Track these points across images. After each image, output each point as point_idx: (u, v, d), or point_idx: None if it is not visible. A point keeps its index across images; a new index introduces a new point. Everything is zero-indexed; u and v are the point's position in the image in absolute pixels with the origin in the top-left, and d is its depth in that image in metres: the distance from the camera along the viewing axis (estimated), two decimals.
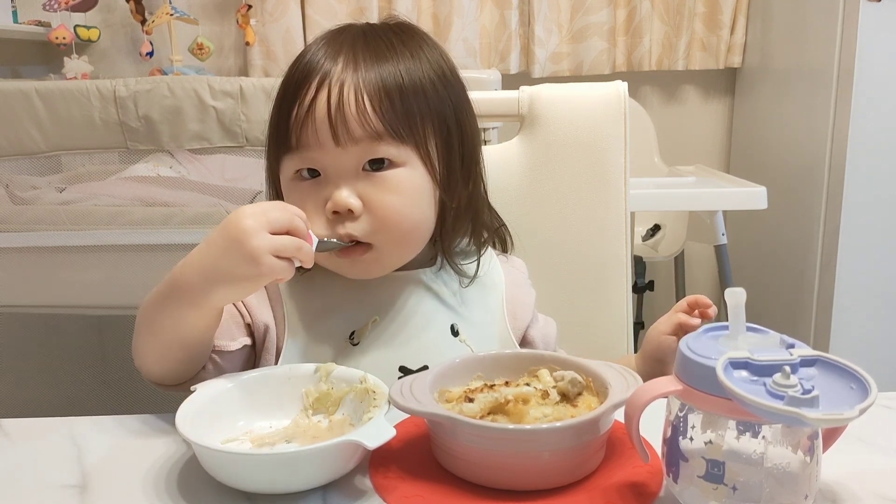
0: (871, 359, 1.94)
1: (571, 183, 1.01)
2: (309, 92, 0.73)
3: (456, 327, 0.81)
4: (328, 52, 0.75)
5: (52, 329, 1.56)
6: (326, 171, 0.74)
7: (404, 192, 0.75)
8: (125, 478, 0.60)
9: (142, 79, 1.30)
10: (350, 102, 0.72)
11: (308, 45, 0.78)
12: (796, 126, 2.15)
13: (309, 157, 0.74)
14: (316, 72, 0.74)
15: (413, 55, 0.77)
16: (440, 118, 0.77)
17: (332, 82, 0.73)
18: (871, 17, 1.84)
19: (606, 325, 1.02)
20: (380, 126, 0.73)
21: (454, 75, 0.81)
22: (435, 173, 0.77)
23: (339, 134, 0.72)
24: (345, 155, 0.73)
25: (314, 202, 0.74)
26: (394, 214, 0.74)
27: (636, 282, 2.17)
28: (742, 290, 0.53)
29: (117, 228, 1.32)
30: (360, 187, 0.73)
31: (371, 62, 0.74)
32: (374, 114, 0.72)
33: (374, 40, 0.77)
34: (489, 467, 0.57)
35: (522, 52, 2.47)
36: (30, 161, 1.38)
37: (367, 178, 0.74)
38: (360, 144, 0.72)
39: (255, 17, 2.34)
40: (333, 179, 0.74)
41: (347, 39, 0.77)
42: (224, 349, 0.76)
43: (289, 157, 0.75)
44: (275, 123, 0.77)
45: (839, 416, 0.46)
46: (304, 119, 0.73)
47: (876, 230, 1.95)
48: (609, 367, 0.64)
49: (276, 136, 0.77)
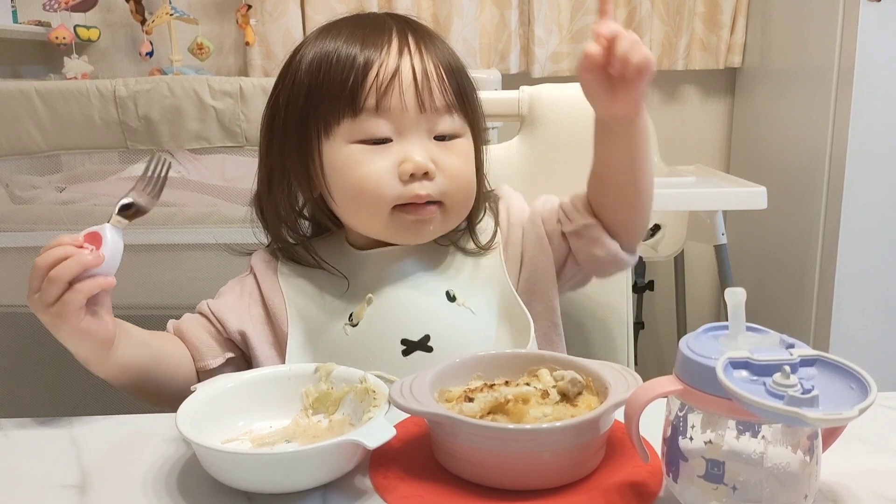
0: (871, 359, 1.93)
1: (572, 183, 1.01)
2: (390, 56, 0.76)
3: (452, 293, 0.81)
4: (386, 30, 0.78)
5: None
6: (404, 134, 0.77)
7: (467, 159, 0.80)
8: (125, 478, 0.60)
9: (142, 79, 1.30)
10: (431, 72, 0.77)
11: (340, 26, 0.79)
12: (796, 126, 2.15)
13: (390, 121, 0.76)
14: (389, 37, 0.77)
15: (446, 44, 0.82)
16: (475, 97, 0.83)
17: (411, 49, 0.77)
18: (871, 17, 1.84)
19: (606, 325, 1.02)
20: (452, 97, 0.78)
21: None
22: (478, 147, 0.83)
23: (424, 100, 0.76)
24: (423, 121, 0.77)
25: (385, 164, 0.76)
26: (461, 176, 0.79)
27: (636, 282, 2.17)
28: (742, 290, 0.52)
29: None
30: (432, 152, 0.77)
31: (429, 44, 0.79)
32: (449, 86, 0.78)
33: (414, 23, 0.81)
34: (489, 467, 0.57)
35: (522, 52, 2.47)
36: (30, 161, 1.37)
37: (436, 145, 0.78)
38: (437, 112, 0.77)
39: (254, 17, 2.34)
40: (407, 144, 0.76)
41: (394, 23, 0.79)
42: (205, 368, 0.79)
43: (356, 121, 0.76)
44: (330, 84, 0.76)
45: (839, 416, 0.46)
46: (389, 83, 0.75)
47: (876, 230, 1.95)
48: (609, 367, 0.64)
49: (336, 98, 0.76)
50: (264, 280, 0.84)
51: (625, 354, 1.03)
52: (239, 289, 0.85)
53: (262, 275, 0.84)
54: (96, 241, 0.66)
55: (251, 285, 0.84)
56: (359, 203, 0.78)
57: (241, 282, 0.86)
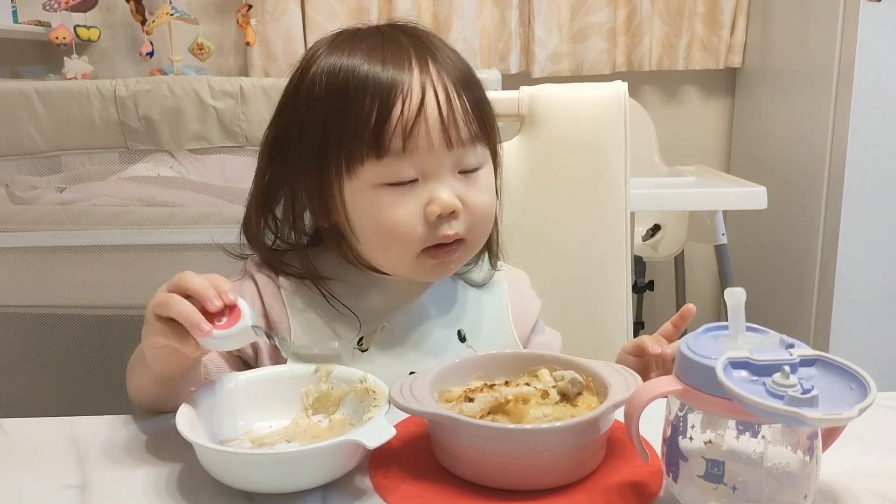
0: (871, 359, 1.93)
1: (571, 183, 1.01)
2: (412, 92, 0.71)
3: (463, 333, 0.81)
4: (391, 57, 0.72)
5: (52, 329, 1.56)
6: (430, 173, 0.72)
7: (489, 190, 0.77)
8: (125, 478, 0.60)
9: (142, 79, 1.30)
10: (456, 103, 0.72)
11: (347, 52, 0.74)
12: (796, 126, 2.15)
13: (417, 161, 0.71)
14: (409, 70, 0.72)
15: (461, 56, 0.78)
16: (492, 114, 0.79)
17: (432, 84, 0.72)
18: (871, 17, 1.84)
19: (606, 325, 1.02)
20: (476, 127, 0.74)
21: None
22: (498, 172, 0.80)
23: (451, 136, 0.72)
24: (449, 157, 0.73)
25: (412, 207, 0.72)
26: (485, 211, 0.76)
27: (636, 282, 2.17)
28: (742, 290, 0.53)
29: (117, 228, 1.32)
30: (457, 188, 0.73)
31: (440, 64, 0.73)
32: (473, 117, 0.73)
33: (426, 39, 0.76)
34: (489, 467, 0.57)
35: (522, 52, 2.47)
36: (30, 161, 1.37)
37: (460, 180, 0.74)
38: (464, 147, 0.73)
39: (255, 17, 2.34)
40: (433, 183, 0.72)
41: (403, 39, 0.75)
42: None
43: (381, 164, 0.71)
44: (351, 125, 0.71)
45: (839, 416, 0.46)
46: (415, 122, 0.70)
47: (876, 230, 1.95)
48: (609, 367, 0.64)
49: (357, 140, 0.71)
50: (265, 290, 0.80)
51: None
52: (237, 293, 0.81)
53: (263, 284, 0.80)
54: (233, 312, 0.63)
55: (251, 293, 0.80)
56: (386, 247, 0.75)
57: (241, 287, 0.81)
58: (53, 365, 1.57)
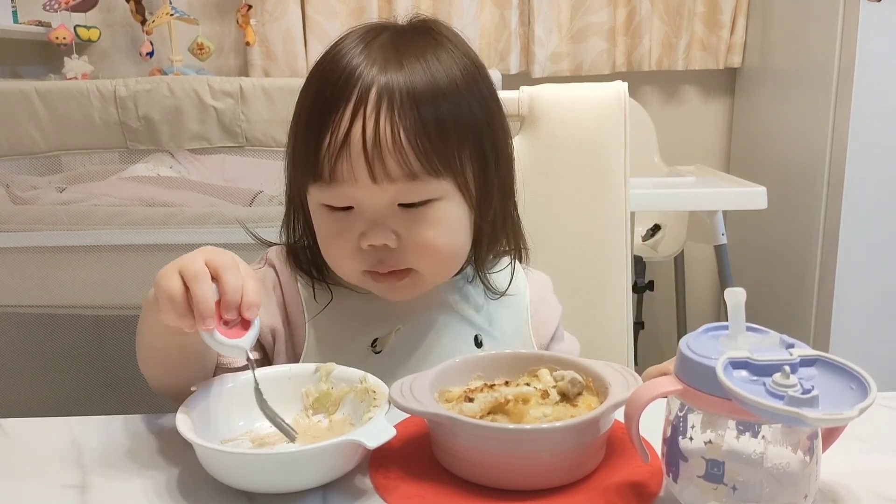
0: (871, 359, 1.93)
1: (571, 183, 1.01)
2: (342, 121, 0.68)
3: (480, 338, 0.80)
4: (358, 71, 0.70)
5: (52, 329, 1.56)
6: (360, 206, 0.71)
7: (441, 225, 0.72)
8: (125, 478, 0.60)
9: (142, 79, 1.30)
10: (387, 138, 0.68)
11: (333, 54, 0.73)
12: (796, 126, 2.15)
13: (342, 192, 0.70)
14: (348, 96, 0.69)
15: (448, 72, 0.72)
16: (476, 141, 0.73)
17: (366, 112, 0.68)
18: (871, 17, 1.84)
19: (606, 325, 1.02)
20: (417, 165, 0.69)
21: (485, 81, 0.77)
22: (471, 199, 0.74)
23: (375, 172, 0.68)
24: (380, 192, 0.69)
25: (346, 235, 0.72)
26: (431, 247, 0.72)
27: (636, 282, 2.17)
28: (742, 290, 0.52)
29: (117, 228, 1.32)
30: (396, 223, 0.71)
31: (406, 89, 0.69)
32: (412, 151, 0.68)
33: (407, 56, 0.71)
34: (489, 467, 0.57)
35: (522, 52, 2.47)
36: (30, 161, 1.37)
37: (404, 213, 0.71)
38: (396, 183, 0.69)
39: (255, 17, 2.34)
40: (368, 214, 0.71)
41: (379, 55, 0.71)
42: (232, 364, 0.75)
43: (318, 187, 0.71)
44: (301, 144, 0.72)
45: (839, 416, 0.46)
46: (339, 152, 0.68)
47: (876, 230, 1.95)
48: (609, 367, 0.64)
49: (305, 160, 0.72)
50: (286, 283, 0.80)
51: (625, 354, 1.03)
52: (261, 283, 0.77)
53: (284, 277, 0.80)
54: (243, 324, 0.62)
55: (272, 281, 0.80)
56: (334, 266, 0.76)
57: (263, 275, 0.81)
58: (53, 365, 1.57)
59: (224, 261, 0.62)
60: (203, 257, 0.62)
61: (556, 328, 0.87)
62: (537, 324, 0.84)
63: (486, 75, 0.77)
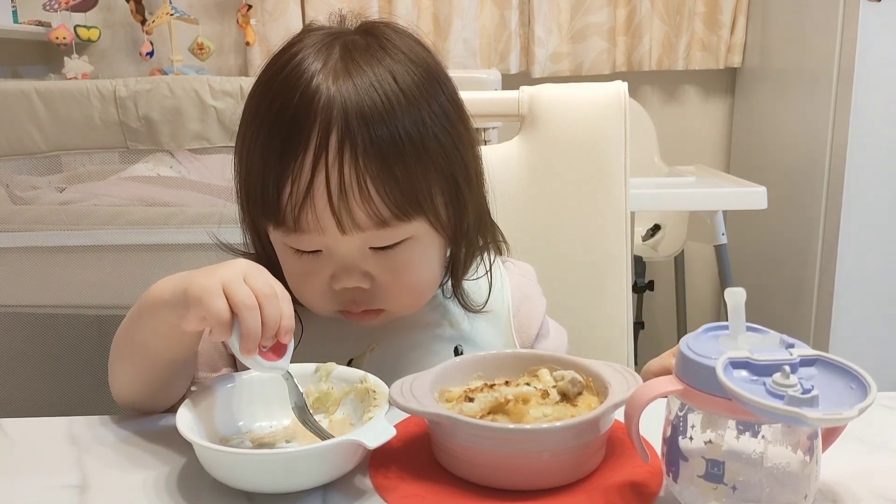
0: (871, 359, 1.93)
1: (571, 183, 1.01)
2: (303, 170, 0.64)
3: (460, 349, 0.79)
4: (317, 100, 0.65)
5: (52, 329, 1.56)
6: (330, 251, 0.69)
7: (414, 263, 0.71)
8: (125, 478, 0.60)
9: (142, 79, 1.30)
10: (353, 188, 0.64)
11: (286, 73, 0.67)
12: (796, 126, 2.15)
13: (309, 239, 0.68)
14: (307, 139, 0.64)
15: (406, 91, 0.67)
16: (446, 171, 0.70)
17: (329, 161, 0.64)
18: (871, 17, 1.84)
19: (606, 325, 1.02)
20: (387, 212, 0.66)
21: (444, 88, 0.71)
22: (445, 231, 0.72)
23: (343, 222, 0.65)
24: (349, 240, 0.67)
25: (316, 277, 0.70)
26: (404, 286, 0.71)
27: (636, 282, 2.17)
28: (742, 290, 0.52)
29: (117, 228, 1.32)
30: (367, 265, 0.69)
31: (368, 127, 0.64)
32: (380, 200, 0.65)
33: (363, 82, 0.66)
34: (489, 467, 0.57)
35: (522, 52, 2.47)
36: (30, 161, 1.38)
37: (375, 255, 0.69)
38: (366, 231, 0.67)
39: (255, 17, 2.35)
40: (338, 259, 0.69)
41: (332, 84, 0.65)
42: (205, 381, 0.74)
43: (281, 231, 0.68)
44: (257, 184, 0.68)
45: (839, 416, 0.46)
46: (302, 203, 0.65)
47: (876, 230, 1.95)
48: (609, 367, 0.64)
49: (262, 203, 0.68)
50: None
51: (625, 354, 1.03)
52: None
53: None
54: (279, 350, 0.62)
55: None
56: (302, 300, 0.73)
57: None
58: (53, 365, 1.57)
59: (264, 289, 0.60)
60: (245, 278, 0.60)
61: (540, 324, 0.85)
62: (520, 324, 0.83)
63: (442, 77, 0.72)
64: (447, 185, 0.70)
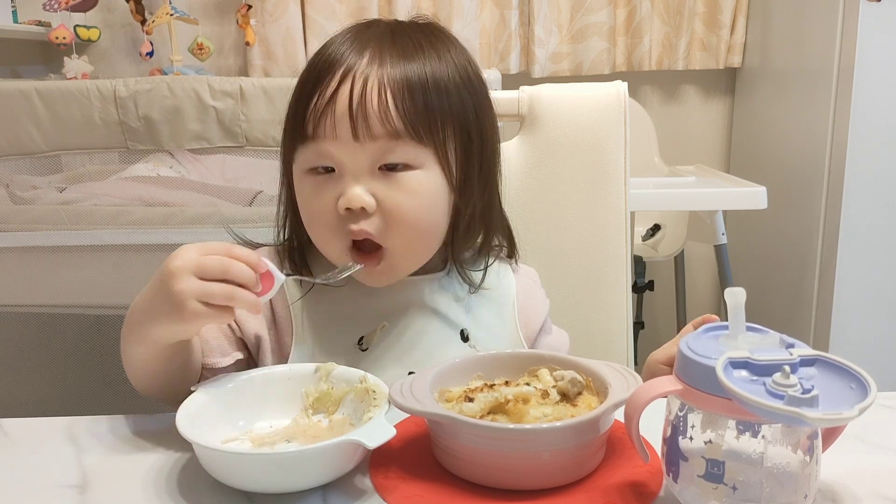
0: (871, 359, 1.93)
1: (571, 183, 1.01)
2: (332, 82, 0.72)
3: (466, 332, 0.80)
4: (354, 45, 0.74)
5: (52, 329, 1.56)
6: (341, 166, 0.72)
7: (419, 194, 0.73)
8: (125, 478, 0.60)
9: (142, 79, 1.30)
10: (372, 98, 0.71)
11: (333, 37, 0.77)
12: (796, 126, 2.15)
13: (325, 149, 0.72)
14: (340, 63, 0.72)
15: (440, 57, 0.75)
16: (461, 122, 0.75)
17: (356, 75, 0.71)
18: (871, 17, 1.84)
19: (606, 325, 1.02)
20: (400, 125, 0.71)
21: (479, 80, 0.79)
22: (451, 178, 0.76)
23: (358, 129, 0.70)
24: (362, 151, 0.71)
25: (326, 198, 0.73)
26: (408, 216, 0.73)
27: (636, 282, 2.17)
28: (742, 290, 0.53)
29: (117, 228, 1.32)
30: (374, 186, 0.72)
31: (397, 59, 0.73)
32: (395, 111, 0.71)
33: (402, 38, 0.75)
34: (489, 467, 0.57)
35: (522, 52, 2.47)
36: (30, 161, 1.38)
37: (383, 178, 0.72)
38: (378, 142, 0.71)
39: (255, 17, 2.34)
40: (348, 176, 0.72)
41: (375, 35, 0.75)
42: (215, 366, 0.76)
43: (303, 147, 0.74)
44: (292, 113, 0.75)
45: (839, 416, 0.46)
46: (324, 109, 0.71)
47: (876, 230, 1.95)
48: (609, 367, 0.64)
49: (293, 125, 0.75)
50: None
51: (625, 354, 1.03)
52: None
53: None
54: (267, 280, 0.66)
55: None
56: (315, 238, 0.76)
57: None
58: (53, 365, 1.57)
59: (218, 246, 0.65)
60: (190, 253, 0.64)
61: (543, 321, 0.87)
62: (524, 318, 0.85)
63: (480, 77, 0.79)
64: (461, 136, 0.76)
